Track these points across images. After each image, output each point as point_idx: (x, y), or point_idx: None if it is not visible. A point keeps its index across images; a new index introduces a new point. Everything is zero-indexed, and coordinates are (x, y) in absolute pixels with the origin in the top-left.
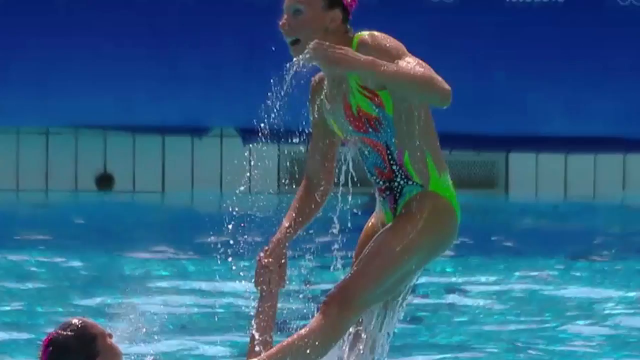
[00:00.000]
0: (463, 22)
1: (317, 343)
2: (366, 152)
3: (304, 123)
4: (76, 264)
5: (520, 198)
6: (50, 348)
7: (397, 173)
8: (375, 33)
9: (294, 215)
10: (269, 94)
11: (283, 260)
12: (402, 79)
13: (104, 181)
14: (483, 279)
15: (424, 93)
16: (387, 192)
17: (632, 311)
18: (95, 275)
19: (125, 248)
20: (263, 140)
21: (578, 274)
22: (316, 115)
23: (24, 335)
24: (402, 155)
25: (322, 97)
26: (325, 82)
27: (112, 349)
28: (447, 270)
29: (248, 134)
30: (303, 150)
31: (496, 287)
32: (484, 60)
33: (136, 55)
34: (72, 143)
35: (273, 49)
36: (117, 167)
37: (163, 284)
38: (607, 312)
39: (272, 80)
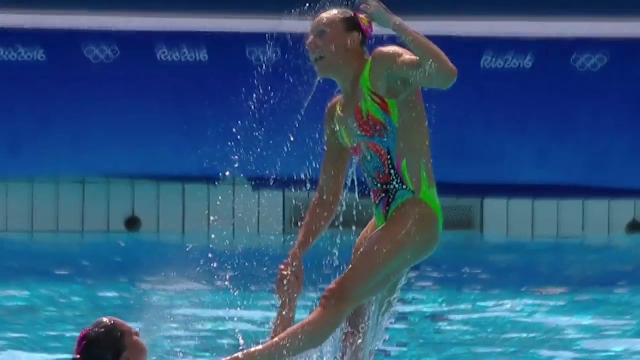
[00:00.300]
0: None
1: (318, 330)
2: (369, 157)
3: (306, 173)
4: (109, 294)
5: (494, 237)
6: (84, 342)
7: (394, 177)
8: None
9: (307, 229)
10: (279, 147)
11: (300, 270)
12: (425, 45)
13: (132, 223)
14: (462, 306)
15: (436, 62)
16: (383, 195)
17: (591, 336)
18: (126, 304)
19: (151, 281)
20: (270, 187)
21: (544, 303)
22: (329, 135)
23: (68, 356)
24: (400, 162)
25: (335, 117)
26: (341, 98)
27: (137, 344)
28: (429, 298)
29: (257, 182)
30: (306, 196)
31: (474, 315)
32: (463, 118)
33: (159, 114)
34: (104, 190)
35: (278, 109)
36: (144, 211)
37: (184, 311)
38: (570, 337)
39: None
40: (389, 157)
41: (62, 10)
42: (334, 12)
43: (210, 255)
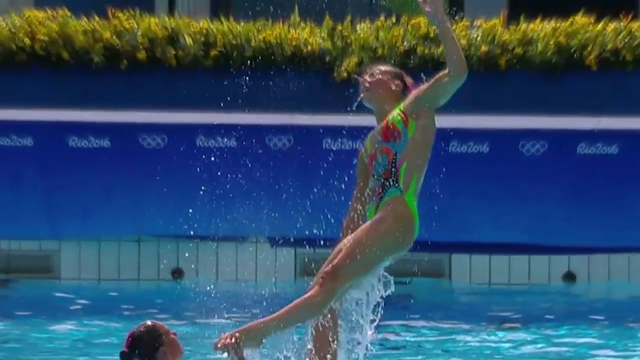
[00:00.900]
0: None
1: (315, 304)
2: (380, 159)
3: (315, 231)
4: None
5: (459, 285)
6: (130, 339)
7: (392, 173)
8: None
9: (354, 206)
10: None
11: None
12: (454, 45)
13: (177, 274)
14: (432, 339)
15: (459, 61)
16: (380, 191)
17: None
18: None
19: (192, 318)
20: (284, 245)
21: (501, 336)
22: (360, 163)
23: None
24: (401, 163)
25: (368, 139)
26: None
27: (174, 342)
28: (403, 332)
29: (274, 241)
30: (314, 251)
31: (442, 347)
32: (435, 191)
33: (196, 189)
34: (155, 247)
35: (291, 183)
36: (186, 264)
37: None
38: None
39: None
40: (394, 157)
41: (123, 108)
42: (388, 66)
43: (238, 300)
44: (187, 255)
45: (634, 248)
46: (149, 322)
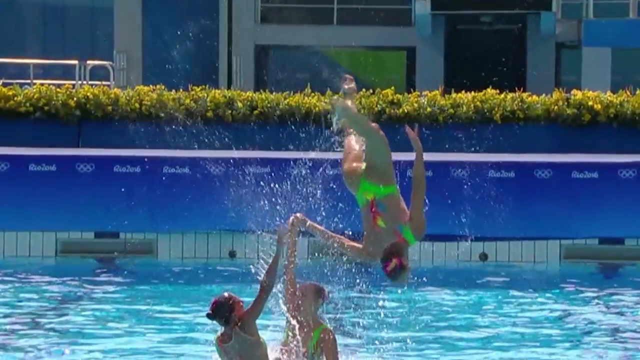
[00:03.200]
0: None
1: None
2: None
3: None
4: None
5: None
6: (214, 304)
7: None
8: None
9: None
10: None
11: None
12: (422, 184)
13: (232, 255)
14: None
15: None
16: None
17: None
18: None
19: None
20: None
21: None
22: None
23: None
24: (378, 215)
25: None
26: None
27: (241, 307)
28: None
29: None
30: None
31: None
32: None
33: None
34: (218, 238)
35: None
36: (239, 248)
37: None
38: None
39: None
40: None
41: (212, 148)
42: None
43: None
44: (241, 244)
45: None
46: (225, 294)
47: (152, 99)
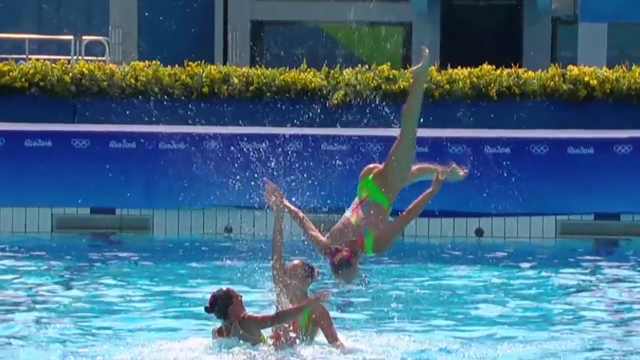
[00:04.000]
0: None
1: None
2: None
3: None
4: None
5: None
6: (212, 297)
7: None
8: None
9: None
10: None
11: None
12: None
13: (228, 230)
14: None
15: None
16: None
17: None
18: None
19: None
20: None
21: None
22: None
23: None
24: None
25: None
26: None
27: (240, 301)
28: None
29: None
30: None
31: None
32: None
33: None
34: (213, 214)
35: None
36: (235, 224)
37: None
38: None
39: None
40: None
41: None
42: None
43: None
44: (236, 220)
45: None
46: (224, 288)
47: (148, 75)
